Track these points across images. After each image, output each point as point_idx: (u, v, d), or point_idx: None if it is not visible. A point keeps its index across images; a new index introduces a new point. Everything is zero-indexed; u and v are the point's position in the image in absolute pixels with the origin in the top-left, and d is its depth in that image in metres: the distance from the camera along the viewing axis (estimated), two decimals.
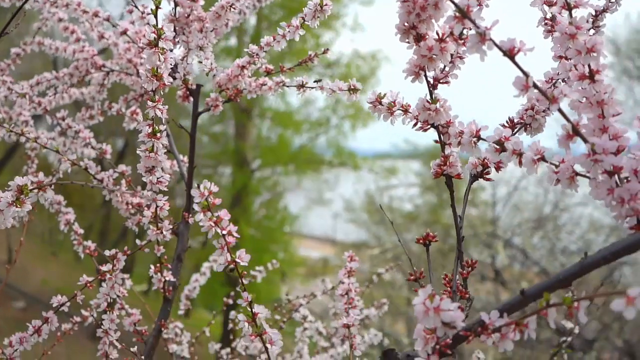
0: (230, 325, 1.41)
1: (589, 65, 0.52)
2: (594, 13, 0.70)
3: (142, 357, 0.91)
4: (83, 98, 1.31)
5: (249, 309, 0.63)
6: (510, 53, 0.50)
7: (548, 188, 7.57)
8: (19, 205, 0.67)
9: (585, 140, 0.50)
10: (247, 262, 0.62)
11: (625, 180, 0.50)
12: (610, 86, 0.53)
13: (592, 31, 0.70)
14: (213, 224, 0.60)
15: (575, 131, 0.51)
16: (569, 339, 1.09)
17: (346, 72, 9.56)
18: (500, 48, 0.50)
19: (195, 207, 0.62)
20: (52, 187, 0.70)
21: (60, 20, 1.19)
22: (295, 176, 11.70)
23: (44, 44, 1.26)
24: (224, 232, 0.61)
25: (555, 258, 6.37)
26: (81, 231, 1.09)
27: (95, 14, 1.10)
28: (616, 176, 0.51)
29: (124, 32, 1.05)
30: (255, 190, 10.71)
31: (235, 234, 0.61)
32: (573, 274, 0.49)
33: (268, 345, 0.63)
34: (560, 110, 0.50)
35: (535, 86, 0.50)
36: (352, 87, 0.82)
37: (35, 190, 0.65)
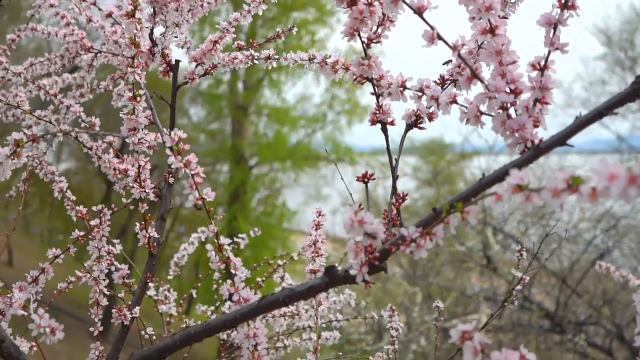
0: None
1: (489, 21, 0.63)
2: None
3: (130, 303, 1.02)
4: (75, 82, 1.42)
5: (216, 240, 0.74)
6: (419, 10, 0.61)
7: (541, 179, 7.68)
8: (15, 157, 0.78)
9: (482, 82, 0.61)
10: (213, 199, 0.73)
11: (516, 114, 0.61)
12: (507, 38, 0.63)
13: None
14: (183, 165, 0.71)
15: (473, 74, 0.61)
16: (518, 288, 1.19)
17: None
18: (410, 7, 0.60)
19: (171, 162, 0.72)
20: (45, 138, 0.80)
21: (51, 5, 1.30)
22: (292, 172, 11.79)
23: (37, 29, 1.36)
24: (193, 172, 0.72)
25: (547, 244, 6.48)
26: (73, 198, 1.19)
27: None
28: (509, 111, 0.61)
29: (109, 15, 1.15)
30: (253, 187, 10.81)
31: (202, 175, 0.72)
32: (473, 191, 0.60)
33: (233, 271, 0.74)
34: (460, 56, 0.61)
35: (439, 37, 0.60)
36: (311, 57, 0.92)
37: (30, 143, 0.75)
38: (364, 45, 0.71)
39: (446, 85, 0.79)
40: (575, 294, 6.15)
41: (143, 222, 1.05)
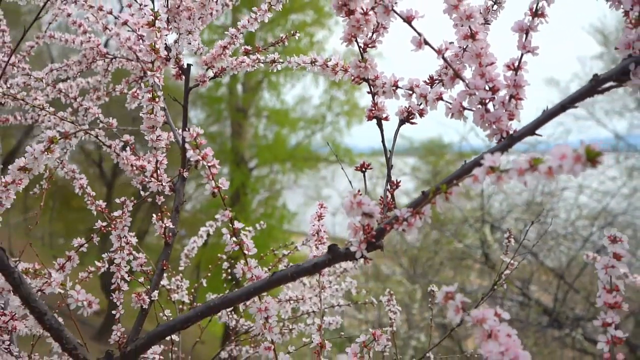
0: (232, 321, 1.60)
1: (470, 28, 0.72)
2: None
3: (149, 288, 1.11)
4: (89, 87, 1.51)
5: (231, 225, 0.83)
6: (408, 19, 0.70)
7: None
8: (49, 153, 0.87)
9: (463, 81, 0.70)
10: (227, 187, 0.82)
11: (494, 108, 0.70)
12: (486, 42, 0.72)
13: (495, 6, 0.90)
14: (201, 158, 0.80)
15: (456, 74, 0.70)
16: (507, 272, 1.28)
17: None
18: (401, 16, 0.70)
19: (190, 155, 0.81)
20: (76, 135, 0.89)
21: (69, 15, 1.39)
22: (292, 174, 11.87)
23: (54, 36, 1.45)
24: (209, 164, 0.81)
25: (545, 242, 6.57)
26: (93, 193, 1.29)
27: (100, 9, 1.29)
28: (488, 106, 0.70)
29: (125, 23, 1.24)
30: (253, 189, 10.89)
31: (218, 166, 0.81)
32: (456, 175, 0.68)
33: (246, 252, 0.83)
34: (444, 59, 0.70)
35: (426, 42, 0.69)
36: (313, 60, 1.01)
37: (63, 139, 0.84)
38: (361, 49, 0.80)
39: (435, 85, 0.88)
40: (572, 290, 6.24)
41: (160, 214, 1.14)
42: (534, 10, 0.71)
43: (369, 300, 1.43)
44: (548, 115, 0.65)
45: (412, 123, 0.86)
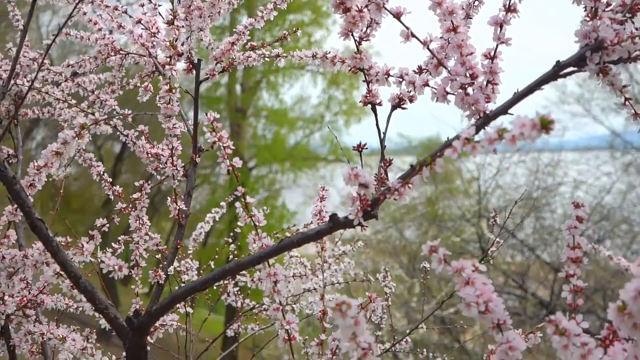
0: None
1: (452, 22, 0.83)
2: None
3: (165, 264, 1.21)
4: (100, 82, 1.61)
5: (243, 200, 0.93)
6: (397, 15, 0.80)
7: (535, 173, 7.91)
8: (79, 138, 0.97)
9: (446, 68, 0.81)
10: (240, 166, 0.92)
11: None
12: (467, 34, 0.83)
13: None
14: (217, 139, 0.91)
15: (439, 63, 0.81)
16: (492, 249, 1.38)
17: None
18: (391, 12, 0.80)
19: (207, 135, 0.91)
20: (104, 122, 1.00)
21: (84, 14, 1.49)
22: (291, 173, 11.98)
23: (70, 34, 1.55)
24: (224, 145, 0.91)
25: (541, 236, 6.70)
26: (109, 179, 1.39)
27: (115, 8, 1.39)
28: (468, 90, 0.81)
29: (139, 21, 1.34)
30: (252, 189, 10.99)
31: (232, 147, 0.91)
32: (439, 150, 0.79)
33: (257, 223, 0.93)
34: (429, 49, 0.80)
35: (413, 35, 0.80)
36: (314, 53, 1.12)
37: (94, 125, 0.95)
38: (356, 42, 0.90)
39: (423, 73, 0.98)
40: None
41: (174, 197, 1.24)
42: (507, 6, 0.81)
43: (366, 279, 1.53)
44: (518, 97, 0.76)
45: (403, 108, 0.96)
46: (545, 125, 0.57)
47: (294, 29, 1.29)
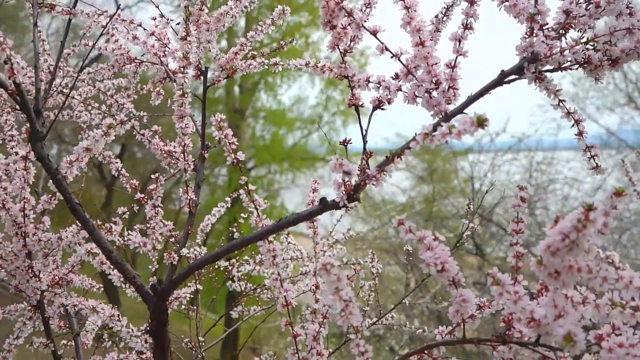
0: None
1: (419, 37, 1.00)
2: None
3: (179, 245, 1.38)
4: (114, 87, 1.79)
5: (246, 187, 1.11)
6: (374, 32, 0.98)
7: (530, 171, 8.09)
8: (107, 136, 1.15)
9: (414, 76, 0.98)
10: (243, 158, 1.10)
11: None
12: (433, 48, 1.00)
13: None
14: (223, 137, 1.08)
15: (408, 72, 0.98)
16: (467, 233, 1.55)
17: None
18: (368, 30, 0.97)
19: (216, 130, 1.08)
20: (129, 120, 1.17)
21: (103, 27, 1.66)
22: (290, 174, 12.14)
23: (89, 44, 1.73)
24: (230, 141, 1.08)
25: (534, 232, 6.87)
26: (127, 174, 1.56)
27: (131, 22, 1.57)
28: (432, 94, 0.98)
29: (152, 34, 1.52)
30: None
31: (236, 143, 1.09)
32: (407, 145, 0.96)
33: (258, 207, 1.11)
34: (400, 60, 0.98)
35: (386, 49, 0.97)
36: (307, 62, 1.29)
37: (119, 125, 1.12)
38: (341, 54, 1.08)
39: (399, 80, 1.16)
40: None
41: (185, 188, 1.42)
42: (464, 24, 0.99)
43: (356, 262, 1.71)
44: (470, 100, 0.93)
45: (382, 109, 1.14)
46: (480, 122, 0.75)
47: (290, 39, 1.46)
